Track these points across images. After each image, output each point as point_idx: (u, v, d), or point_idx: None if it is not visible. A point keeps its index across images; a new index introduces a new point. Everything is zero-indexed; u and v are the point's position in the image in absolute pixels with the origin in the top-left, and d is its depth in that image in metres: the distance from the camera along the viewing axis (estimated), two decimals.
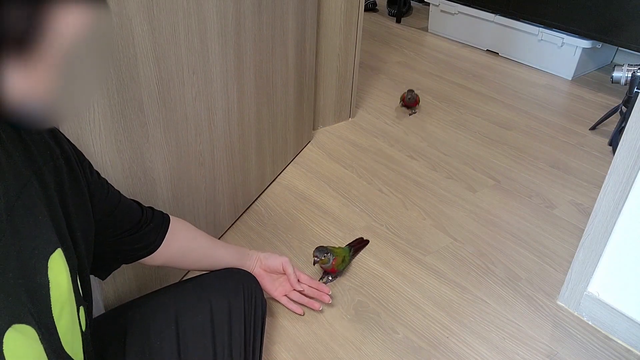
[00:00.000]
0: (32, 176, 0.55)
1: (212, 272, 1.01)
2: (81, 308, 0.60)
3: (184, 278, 1.33)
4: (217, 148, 1.35)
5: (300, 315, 1.25)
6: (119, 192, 0.81)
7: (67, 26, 0.35)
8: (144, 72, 1.02)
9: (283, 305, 1.20)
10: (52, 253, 0.54)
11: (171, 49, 1.07)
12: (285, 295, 1.19)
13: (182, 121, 1.17)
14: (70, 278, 0.57)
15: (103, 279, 0.86)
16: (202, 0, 1.12)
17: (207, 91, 1.24)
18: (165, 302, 0.90)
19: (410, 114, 2.17)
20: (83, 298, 0.63)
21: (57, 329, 0.54)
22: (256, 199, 1.67)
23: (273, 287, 1.16)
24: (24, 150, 0.55)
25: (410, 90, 2.15)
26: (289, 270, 1.15)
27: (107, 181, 0.78)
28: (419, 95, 2.23)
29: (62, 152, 0.63)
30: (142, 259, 0.88)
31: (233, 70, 1.32)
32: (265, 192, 1.72)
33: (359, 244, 1.47)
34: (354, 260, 1.45)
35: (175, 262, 0.96)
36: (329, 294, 1.23)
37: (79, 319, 0.59)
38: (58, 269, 0.55)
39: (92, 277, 0.84)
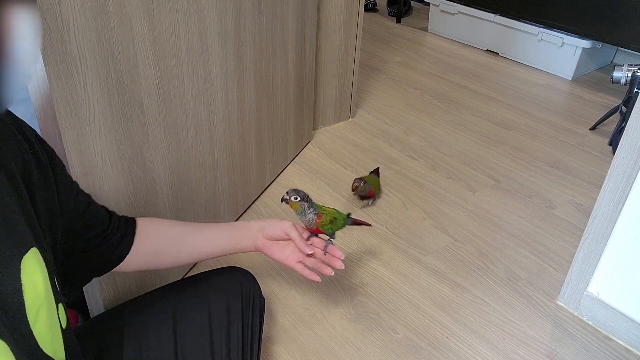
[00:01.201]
0: (0, 170, 0.53)
1: (210, 271, 1.01)
2: (60, 305, 0.59)
3: (184, 277, 1.33)
4: (217, 148, 1.35)
5: (317, 282, 1.11)
6: (89, 195, 0.78)
7: (11, 23, 0.41)
8: (144, 72, 1.02)
9: (298, 273, 1.00)
10: (25, 253, 0.52)
11: (171, 49, 1.07)
12: (300, 261, 1.00)
13: (182, 121, 1.17)
14: (47, 276, 0.55)
15: (77, 288, 0.83)
16: (202, 0, 1.12)
17: (207, 91, 1.24)
18: (163, 302, 0.90)
19: (363, 206, 1.67)
20: (62, 293, 0.61)
21: (34, 332, 0.52)
22: (256, 199, 1.67)
23: (284, 255, 0.99)
24: None
25: (360, 179, 1.63)
26: (293, 234, 0.97)
27: (77, 184, 0.75)
28: (378, 173, 1.79)
29: (29, 147, 0.60)
30: (114, 269, 0.83)
31: (233, 70, 1.32)
32: (265, 192, 1.72)
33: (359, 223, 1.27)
34: (354, 260, 1.45)
35: (154, 263, 0.89)
36: (342, 258, 1.02)
37: (58, 316, 0.58)
38: (32, 268, 0.52)
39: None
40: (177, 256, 0.92)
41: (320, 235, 1.05)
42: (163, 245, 0.89)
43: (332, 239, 1.06)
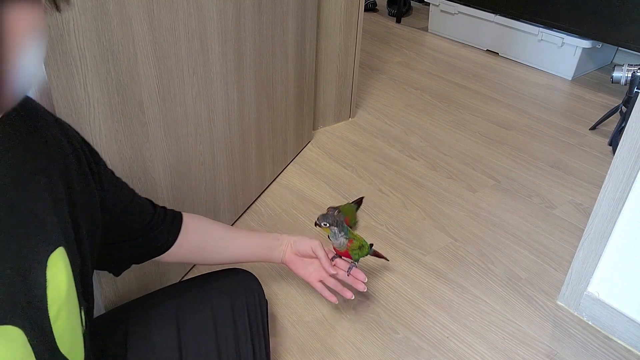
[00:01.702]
0: (39, 172, 0.54)
1: (212, 272, 1.01)
2: (82, 309, 0.60)
3: (184, 278, 1.33)
4: (217, 148, 1.35)
5: (334, 303, 1.15)
6: (133, 190, 0.81)
7: (17, 24, 0.40)
8: (144, 72, 1.02)
9: (317, 291, 1.08)
10: (52, 251, 0.53)
11: (171, 49, 1.07)
12: (321, 281, 1.08)
13: (182, 121, 1.17)
14: (71, 278, 0.56)
15: (117, 276, 0.86)
16: (202, 0, 1.12)
17: (207, 91, 1.24)
18: (166, 303, 0.90)
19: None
20: (85, 298, 0.62)
21: (53, 329, 0.53)
22: (256, 199, 1.67)
23: (307, 272, 1.07)
24: (32, 145, 0.55)
25: (333, 208, 1.52)
26: (320, 254, 1.04)
27: (121, 180, 0.77)
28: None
29: (73, 150, 0.62)
30: (155, 258, 0.87)
31: (233, 70, 1.32)
32: (265, 192, 1.72)
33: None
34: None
35: (190, 258, 0.95)
36: (365, 281, 1.11)
37: (81, 319, 0.58)
38: (57, 268, 0.53)
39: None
40: (215, 256, 0.98)
41: (343, 258, 1.16)
42: (205, 243, 0.95)
43: (355, 263, 1.15)
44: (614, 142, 2.02)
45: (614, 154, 1.15)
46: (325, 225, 1.15)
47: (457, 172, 1.86)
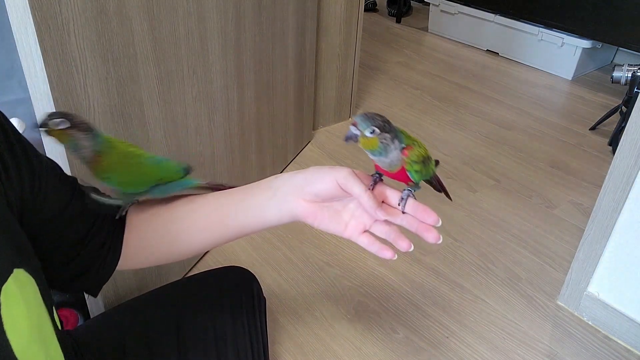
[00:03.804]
0: None
1: (210, 270, 1.01)
2: (53, 313, 0.50)
3: (185, 276, 1.33)
4: (217, 148, 1.35)
5: (392, 259, 0.62)
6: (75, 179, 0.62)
7: None
8: (144, 72, 1.02)
9: (365, 247, 0.62)
10: (4, 283, 0.41)
11: (171, 49, 1.07)
12: (366, 230, 0.62)
13: (182, 121, 1.17)
14: (33, 303, 0.44)
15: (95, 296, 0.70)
16: (202, 0, 1.12)
17: (207, 91, 1.23)
18: (164, 302, 0.90)
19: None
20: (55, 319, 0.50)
21: None
22: None
23: (341, 223, 0.62)
24: None
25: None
26: (356, 189, 0.58)
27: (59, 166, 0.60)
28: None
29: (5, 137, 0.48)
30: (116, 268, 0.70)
31: (233, 70, 1.32)
32: None
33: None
34: (353, 260, 1.45)
35: (157, 252, 0.70)
36: (437, 225, 0.65)
37: (54, 325, 0.49)
38: (13, 300, 0.41)
39: None
40: (176, 247, 0.69)
41: (387, 189, 0.64)
42: (155, 234, 0.68)
43: (413, 190, 0.64)
44: (614, 142, 2.02)
45: (614, 154, 1.15)
46: (371, 133, 0.57)
47: (457, 172, 1.86)
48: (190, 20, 1.10)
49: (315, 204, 0.63)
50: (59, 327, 0.51)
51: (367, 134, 0.57)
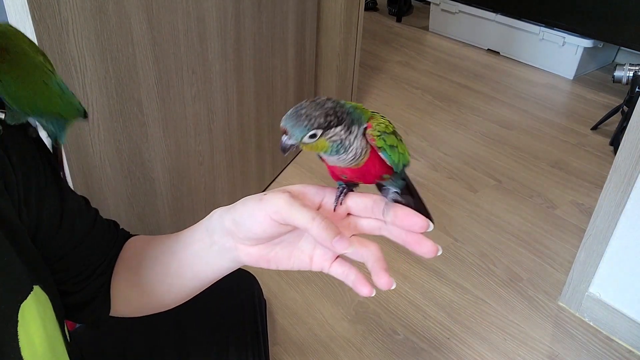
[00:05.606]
0: None
1: None
2: (63, 329, 0.49)
3: None
4: (217, 148, 1.34)
5: (369, 296, 0.51)
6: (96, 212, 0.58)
7: None
8: (143, 72, 1.01)
9: (341, 280, 0.51)
10: (23, 300, 0.40)
11: (170, 48, 1.07)
12: (338, 258, 0.52)
13: (181, 121, 1.17)
14: (48, 320, 0.43)
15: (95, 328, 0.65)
16: None
17: (207, 91, 1.23)
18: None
19: None
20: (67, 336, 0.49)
21: None
22: None
23: (302, 260, 0.50)
24: None
25: None
26: (300, 220, 0.44)
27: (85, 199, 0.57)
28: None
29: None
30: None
31: (233, 69, 1.31)
32: (265, 191, 1.71)
33: None
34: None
35: (151, 291, 0.62)
36: (428, 230, 0.48)
37: (65, 339, 0.48)
38: (30, 317, 0.40)
39: None
40: (174, 277, 0.59)
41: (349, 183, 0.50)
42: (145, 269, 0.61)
43: (396, 183, 0.50)
44: (615, 142, 2.02)
45: (615, 153, 1.14)
46: (311, 137, 0.41)
47: (458, 172, 1.86)
48: (189, 20, 1.10)
49: (262, 247, 0.49)
50: (69, 340, 0.49)
51: (307, 140, 0.41)
